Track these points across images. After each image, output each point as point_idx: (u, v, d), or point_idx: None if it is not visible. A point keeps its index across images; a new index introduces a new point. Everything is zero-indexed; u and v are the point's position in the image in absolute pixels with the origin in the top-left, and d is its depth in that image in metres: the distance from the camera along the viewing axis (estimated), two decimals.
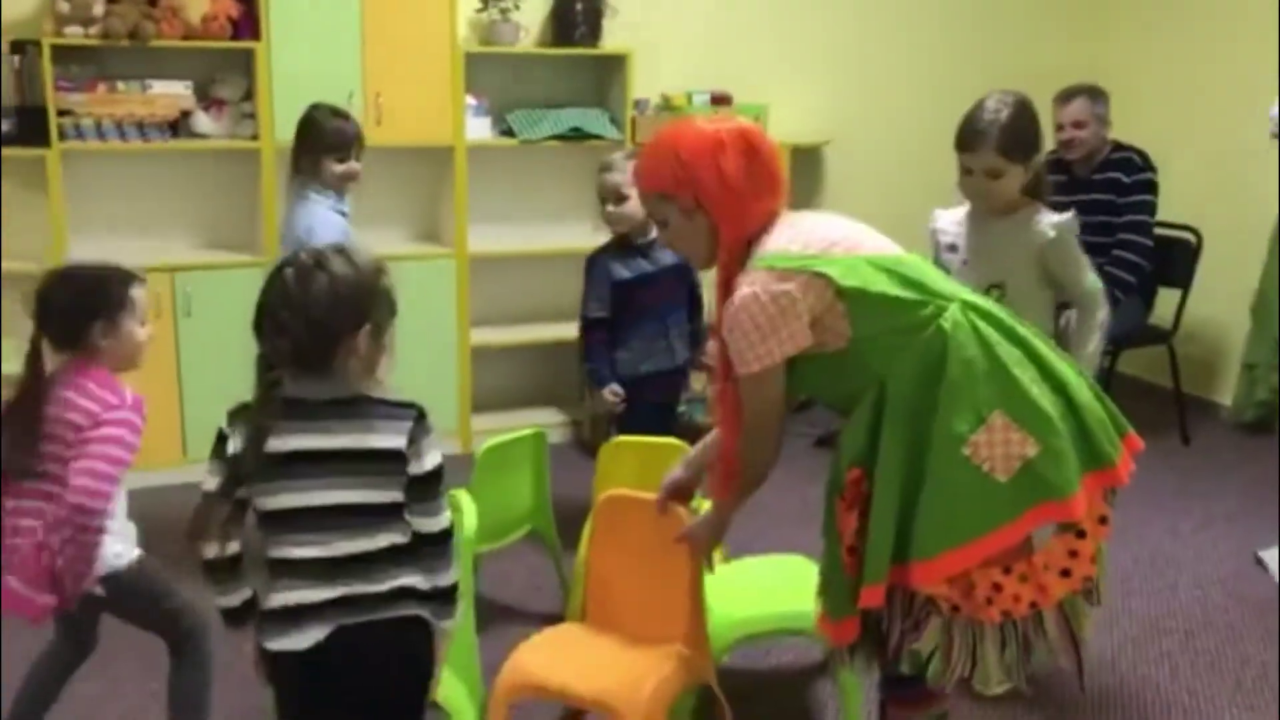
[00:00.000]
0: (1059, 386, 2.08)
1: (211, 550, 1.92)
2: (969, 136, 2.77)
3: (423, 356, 4.52)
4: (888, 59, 5.39)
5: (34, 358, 2.36)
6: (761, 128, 2.17)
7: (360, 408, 1.87)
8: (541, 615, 3.38)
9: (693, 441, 2.58)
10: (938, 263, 2.95)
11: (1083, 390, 2.13)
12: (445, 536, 1.94)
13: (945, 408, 2.01)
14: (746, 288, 2.05)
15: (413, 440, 1.86)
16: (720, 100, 4.98)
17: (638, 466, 3.09)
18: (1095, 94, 4.62)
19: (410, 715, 2.05)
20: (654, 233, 3.66)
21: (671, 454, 2.94)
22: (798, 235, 2.10)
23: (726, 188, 2.09)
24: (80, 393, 2.32)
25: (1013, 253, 2.83)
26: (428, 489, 1.90)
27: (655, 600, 2.52)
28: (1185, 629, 3.37)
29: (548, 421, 4.83)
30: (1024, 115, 2.77)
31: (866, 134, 5.38)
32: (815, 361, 2.09)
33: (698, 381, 4.73)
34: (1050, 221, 2.81)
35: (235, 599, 1.96)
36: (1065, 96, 4.64)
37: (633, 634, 2.53)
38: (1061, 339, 2.90)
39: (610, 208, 3.56)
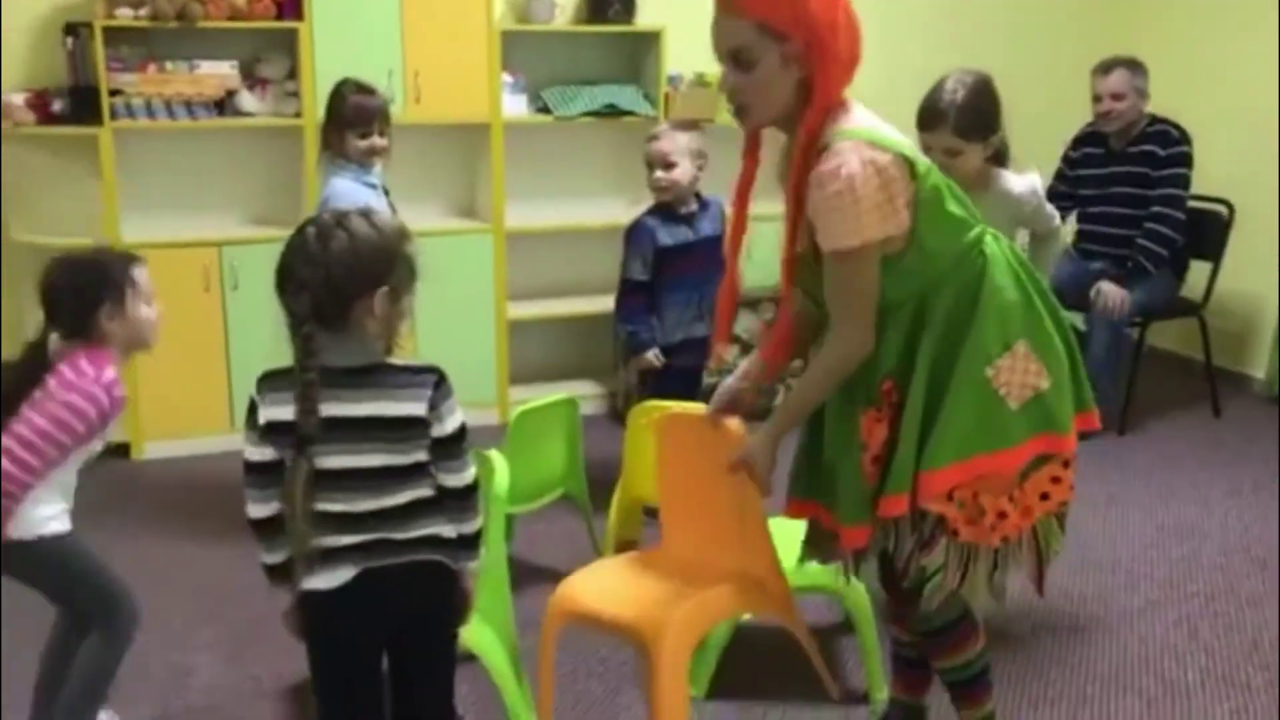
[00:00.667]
0: (1061, 329, 2.20)
1: (257, 511, 1.99)
2: (927, 116, 2.82)
3: (461, 330, 4.64)
4: (915, 31, 5.41)
5: (38, 350, 2.36)
6: None
7: (381, 375, 1.93)
8: None
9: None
10: None
11: (1073, 339, 2.25)
12: (470, 490, 2.03)
13: (978, 329, 2.07)
14: (851, 156, 1.93)
15: (433, 406, 1.93)
16: None
17: None
18: (1134, 66, 4.65)
19: (439, 657, 2.14)
20: (694, 203, 3.75)
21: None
22: (879, 123, 2.03)
23: (840, 43, 1.96)
24: (68, 364, 2.33)
25: (998, 221, 2.87)
26: (452, 448, 1.98)
27: (720, 529, 2.44)
28: (1206, 593, 3.42)
29: (583, 393, 4.92)
30: (982, 95, 2.81)
31: (897, 104, 5.40)
32: None
33: (729, 352, 4.82)
34: (1028, 186, 2.96)
35: (278, 555, 2.02)
36: (1104, 68, 4.67)
37: (697, 564, 2.45)
38: None
39: (658, 173, 3.65)
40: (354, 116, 3.48)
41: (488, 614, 2.67)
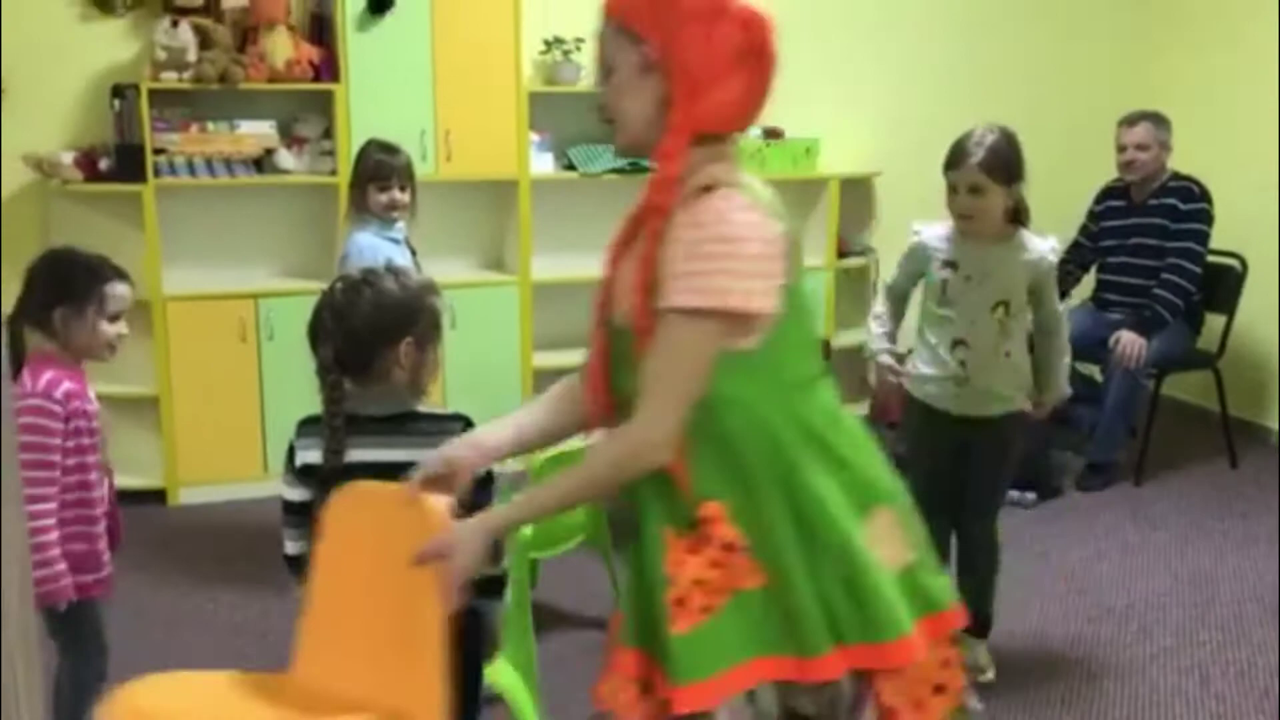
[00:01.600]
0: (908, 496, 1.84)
1: (293, 548, 2.09)
2: (955, 154, 2.97)
3: (488, 378, 4.76)
4: (937, 92, 5.55)
5: (8, 324, 2.37)
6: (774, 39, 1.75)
7: (410, 423, 2.05)
8: (594, 620, 3.57)
9: None
10: (917, 275, 3.16)
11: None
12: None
13: (830, 480, 1.68)
14: (744, 207, 1.61)
15: None
16: (772, 134, 5.19)
17: None
18: (1159, 120, 4.78)
19: (469, 700, 2.21)
20: None
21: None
22: (763, 191, 1.70)
23: (706, 58, 1.64)
24: (18, 388, 2.33)
25: (1016, 273, 3.02)
26: (481, 492, 2.06)
27: (386, 646, 1.79)
28: (1218, 641, 3.46)
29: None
30: (1007, 143, 2.96)
31: (917, 166, 5.52)
32: None
33: None
34: (1049, 246, 3.04)
35: None
36: (1130, 120, 4.81)
37: (328, 692, 1.80)
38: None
39: None
40: (375, 172, 3.64)
41: (512, 656, 2.76)
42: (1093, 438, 4.81)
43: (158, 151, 4.35)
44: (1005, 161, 2.93)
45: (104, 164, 4.37)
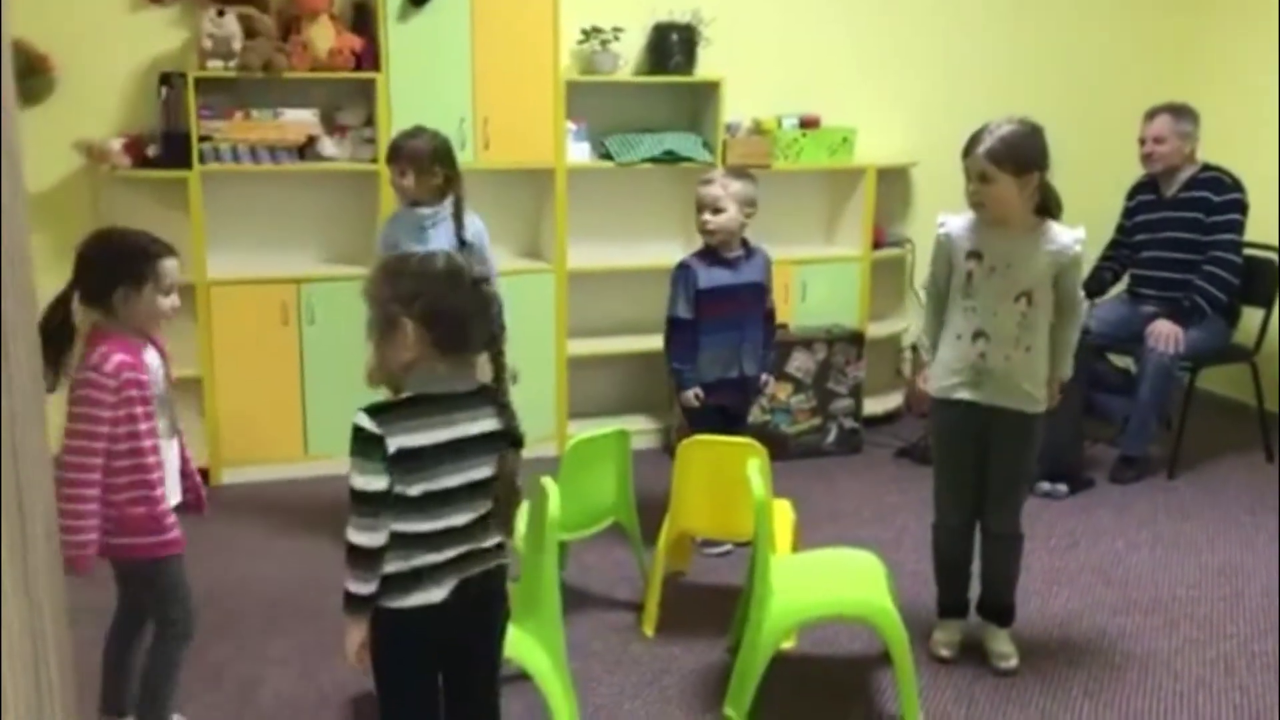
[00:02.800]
0: None
1: (366, 540, 2.06)
2: (968, 143, 3.01)
3: (523, 365, 4.81)
4: (974, 81, 5.54)
5: (61, 305, 2.47)
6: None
7: (483, 396, 2.15)
8: (623, 603, 3.63)
9: (774, 453, 2.61)
10: (950, 267, 3.16)
11: None
12: (521, 497, 2.26)
13: None
14: None
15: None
16: (809, 123, 5.21)
17: (712, 462, 3.34)
18: (1180, 112, 4.75)
19: (498, 654, 2.31)
20: (740, 249, 3.90)
21: (746, 451, 3.19)
22: None
23: None
24: (90, 348, 2.47)
25: (1041, 263, 3.04)
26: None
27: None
28: (1246, 634, 3.47)
29: (638, 428, 5.10)
30: (1025, 135, 2.97)
31: (955, 157, 5.51)
32: None
33: (782, 391, 4.96)
34: (1074, 237, 3.05)
35: (370, 587, 2.09)
36: (1150, 113, 4.82)
37: None
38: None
39: (706, 216, 3.80)
40: (389, 155, 3.86)
41: (541, 636, 2.82)
42: (1125, 430, 4.80)
43: (203, 139, 4.44)
44: (1016, 152, 2.94)
45: (151, 150, 4.47)
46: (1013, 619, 3.32)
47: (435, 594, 2.11)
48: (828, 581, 3.12)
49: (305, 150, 4.63)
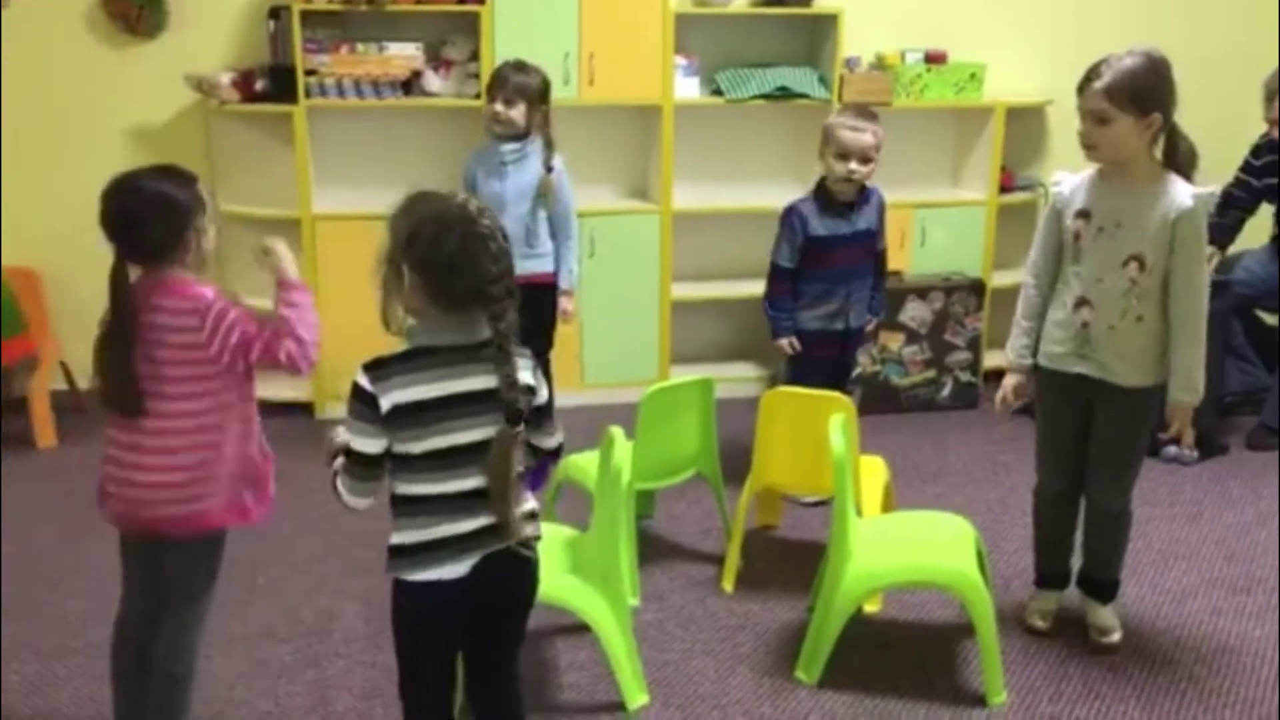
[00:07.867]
0: None
1: (360, 502, 2.05)
2: (1084, 78, 2.69)
3: (626, 309, 4.73)
4: (1115, 12, 5.14)
5: (121, 285, 2.26)
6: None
7: (494, 350, 1.96)
8: (707, 555, 3.53)
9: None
10: (1062, 229, 2.86)
11: None
12: (558, 453, 2.18)
13: None
14: None
15: (535, 374, 2.05)
16: (935, 59, 4.92)
17: (796, 415, 3.20)
18: None
19: (525, 623, 2.21)
20: (855, 194, 3.68)
21: (831, 405, 3.04)
22: None
23: None
24: (176, 299, 2.28)
25: (1153, 222, 2.71)
26: (545, 414, 2.10)
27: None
28: None
29: (743, 375, 4.97)
30: (1147, 69, 2.63)
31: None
32: None
33: (893, 341, 4.76)
34: (1190, 191, 2.70)
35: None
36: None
37: None
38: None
39: (854, 165, 3.56)
40: (492, 87, 3.78)
41: (606, 590, 2.75)
42: (1269, 395, 4.45)
43: (309, 73, 4.43)
44: (1137, 88, 2.63)
45: (259, 84, 4.49)
46: (1114, 595, 3.09)
47: (456, 569, 2.00)
48: (911, 546, 2.96)
49: (410, 85, 4.58)
